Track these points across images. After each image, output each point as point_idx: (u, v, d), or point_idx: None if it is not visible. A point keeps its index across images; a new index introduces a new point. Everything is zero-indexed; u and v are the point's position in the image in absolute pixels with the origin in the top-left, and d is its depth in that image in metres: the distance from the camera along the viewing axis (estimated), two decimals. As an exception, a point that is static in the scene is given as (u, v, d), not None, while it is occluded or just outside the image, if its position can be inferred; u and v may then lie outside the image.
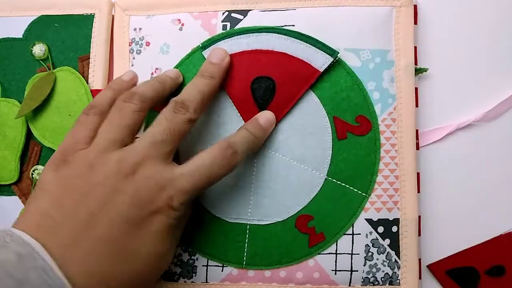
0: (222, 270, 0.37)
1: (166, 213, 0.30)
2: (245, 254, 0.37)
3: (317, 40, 0.36)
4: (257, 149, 0.36)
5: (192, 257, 0.37)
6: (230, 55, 0.36)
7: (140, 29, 0.39)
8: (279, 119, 0.36)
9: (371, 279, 0.36)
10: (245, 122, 0.36)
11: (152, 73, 0.38)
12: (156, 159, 0.31)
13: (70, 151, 0.31)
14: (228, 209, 0.37)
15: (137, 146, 0.31)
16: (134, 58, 0.39)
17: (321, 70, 0.36)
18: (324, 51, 0.36)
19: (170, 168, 0.31)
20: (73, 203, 0.29)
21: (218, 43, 0.37)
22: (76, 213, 0.29)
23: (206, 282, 0.37)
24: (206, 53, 0.37)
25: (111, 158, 0.30)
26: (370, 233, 0.36)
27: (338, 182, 0.36)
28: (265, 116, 0.35)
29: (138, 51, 0.39)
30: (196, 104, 0.33)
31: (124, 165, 0.30)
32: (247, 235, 0.37)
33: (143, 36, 0.39)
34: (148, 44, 0.39)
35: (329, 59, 0.36)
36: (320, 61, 0.36)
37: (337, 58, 0.36)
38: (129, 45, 0.40)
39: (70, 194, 0.30)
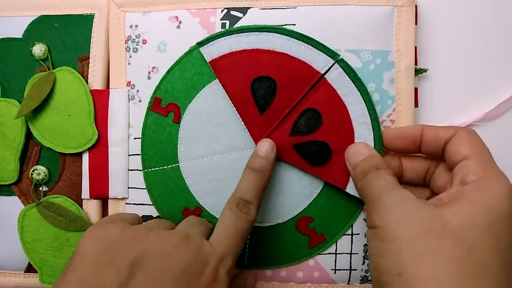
0: (223, 270, 0.37)
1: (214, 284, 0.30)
2: (246, 254, 0.37)
3: (319, 42, 0.36)
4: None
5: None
6: (230, 53, 0.36)
7: (136, 26, 0.38)
8: (279, 120, 0.36)
9: (369, 278, 0.36)
10: (244, 123, 0.36)
11: (149, 72, 0.38)
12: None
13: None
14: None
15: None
16: (130, 57, 0.38)
17: (322, 72, 0.35)
18: (325, 53, 0.35)
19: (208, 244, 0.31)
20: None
21: (217, 40, 0.36)
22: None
23: (207, 282, 0.37)
24: (203, 50, 0.37)
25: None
26: (370, 233, 0.36)
27: (338, 184, 0.36)
28: (264, 146, 0.35)
29: (135, 49, 0.38)
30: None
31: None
32: (248, 236, 0.37)
33: (139, 34, 0.38)
34: (144, 42, 0.38)
35: (330, 61, 0.35)
36: (321, 63, 0.35)
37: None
38: (125, 43, 0.39)
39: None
